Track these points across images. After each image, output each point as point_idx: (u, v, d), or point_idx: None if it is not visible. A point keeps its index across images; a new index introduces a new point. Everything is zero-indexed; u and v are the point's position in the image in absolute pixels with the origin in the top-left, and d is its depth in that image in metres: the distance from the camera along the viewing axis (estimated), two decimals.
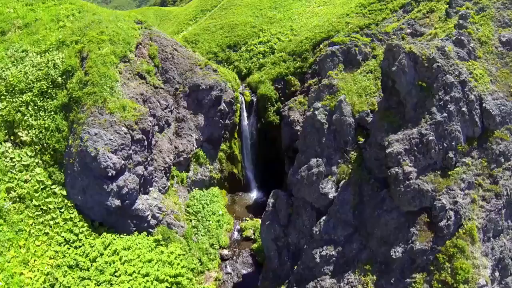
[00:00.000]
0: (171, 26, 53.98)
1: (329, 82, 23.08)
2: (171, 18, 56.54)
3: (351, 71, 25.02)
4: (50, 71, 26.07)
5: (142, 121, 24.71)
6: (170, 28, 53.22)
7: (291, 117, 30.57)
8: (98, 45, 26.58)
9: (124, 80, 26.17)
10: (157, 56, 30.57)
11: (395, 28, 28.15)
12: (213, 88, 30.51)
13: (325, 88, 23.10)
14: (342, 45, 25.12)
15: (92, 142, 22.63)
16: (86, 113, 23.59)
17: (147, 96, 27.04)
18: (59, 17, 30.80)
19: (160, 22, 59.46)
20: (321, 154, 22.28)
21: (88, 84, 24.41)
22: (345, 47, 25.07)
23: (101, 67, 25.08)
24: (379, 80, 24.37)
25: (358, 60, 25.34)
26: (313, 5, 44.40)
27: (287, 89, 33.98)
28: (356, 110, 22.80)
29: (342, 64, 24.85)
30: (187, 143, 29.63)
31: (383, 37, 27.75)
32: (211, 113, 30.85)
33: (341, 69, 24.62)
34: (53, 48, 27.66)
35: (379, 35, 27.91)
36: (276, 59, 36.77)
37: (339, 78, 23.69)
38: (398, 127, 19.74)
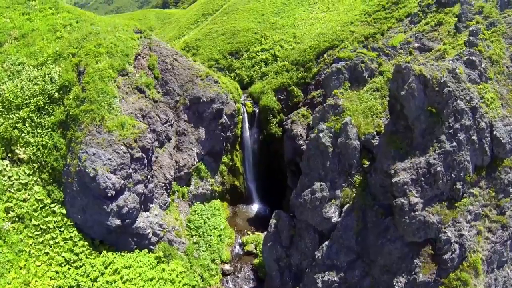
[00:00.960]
0: (172, 30, 52.61)
1: (334, 102, 22.03)
2: (173, 22, 55.11)
3: (357, 89, 23.88)
4: (46, 86, 25.14)
5: (141, 138, 23.81)
6: (172, 32, 51.87)
7: (294, 130, 29.56)
8: (96, 59, 25.53)
9: (122, 95, 25.17)
10: (156, 67, 29.49)
11: (402, 42, 26.87)
12: (214, 101, 29.47)
13: (330, 108, 22.05)
14: (348, 61, 23.93)
15: (90, 162, 21.81)
16: (83, 132, 22.69)
17: (147, 111, 26.07)
18: (56, 27, 29.71)
19: (162, 25, 58.06)
20: (325, 177, 21.39)
21: (85, 101, 23.46)
22: (351, 63, 23.88)
23: (99, 82, 24.08)
24: (386, 99, 23.32)
25: (364, 77, 24.20)
26: (316, 10, 42.90)
27: (290, 100, 32.89)
28: (362, 132, 21.78)
29: (348, 82, 23.71)
30: (188, 158, 28.76)
31: (390, 52, 26.49)
32: (212, 126, 29.88)
33: (347, 87, 23.50)
34: (50, 61, 26.67)
35: (386, 49, 26.65)
36: (278, 68, 35.58)
37: (344, 97, 22.60)
38: (405, 154, 18.78)
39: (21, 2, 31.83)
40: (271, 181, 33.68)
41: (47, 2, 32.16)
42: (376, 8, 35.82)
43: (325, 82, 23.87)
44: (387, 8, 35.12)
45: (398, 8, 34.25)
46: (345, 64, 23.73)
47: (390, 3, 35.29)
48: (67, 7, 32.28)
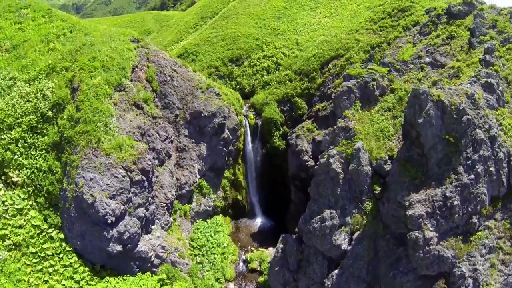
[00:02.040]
0: (170, 34, 50.48)
1: (346, 125, 20.65)
2: (171, 25, 52.89)
3: (368, 109, 22.46)
4: (39, 104, 23.45)
5: (140, 160, 22.32)
6: (170, 36, 49.77)
7: (299, 146, 28.19)
8: (90, 74, 23.79)
9: (119, 113, 23.55)
10: (155, 79, 27.80)
11: (413, 56, 25.38)
12: (215, 115, 27.93)
13: (341, 131, 20.66)
14: (359, 78, 22.45)
15: (88, 188, 20.34)
16: (79, 155, 21.14)
17: (145, 129, 24.51)
18: (49, 37, 27.79)
19: (160, 28, 55.77)
20: (335, 204, 20.15)
21: (80, 121, 21.83)
22: (362, 81, 22.41)
23: (94, 101, 22.42)
24: (398, 119, 21.99)
25: (375, 96, 22.76)
26: (318, 15, 41.08)
27: (294, 112, 31.43)
28: (374, 157, 20.49)
29: (359, 102, 22.29)
30: (189, 175, 27.33)
31: (401, 67, 24.98)
32: (214, 142, 28.39)
33: (358, 107, 22.07)
34: (42, 75, 24.90)
35: (396, 64, 25.14)
36: (281, 77, 33.97)
37: (356, 119, 21.21)
38: (420, 184, 17.57)
39: (13, 11, 29.78)
40: (274, 194, 32.45)
41: (40, 10, 30.15)
42: (381, 15, 34.18)
43: (336, 102, 22.42)
44: (393, 15, 33.51)
45: (404, 16, 32.67)
46: (356, 82, 22.25)
47: (396, 10, 33.69)
48: (61, 15, 30.27)
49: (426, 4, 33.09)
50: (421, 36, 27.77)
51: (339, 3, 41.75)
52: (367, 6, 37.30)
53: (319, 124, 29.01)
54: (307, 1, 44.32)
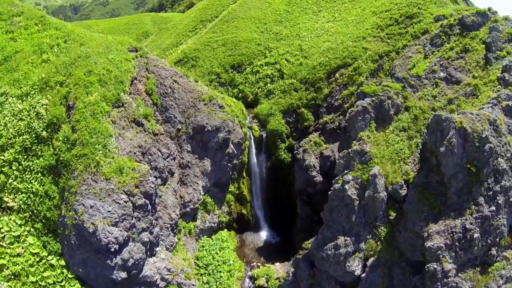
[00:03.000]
0: (169, 37, 48.20)
1: (361, 148, 19.23)
2: (169, 28, 50.55)
3: (383, 129, 21.04)
4: (33, 123, 21.63)
5: (143, 183, 20.72)
6: (168, 40, 47.52)
7: (306, 161, 26.74)
8: (86, 90, 21.94)
9: (118, 131, 21.81)
10: (155, 91, 25.99)
11: (426, 70, 23.84)
12: (219, 130, 26.27)
13: (356, 154, 19.24)
14: (374, 97, 20.96)
15: (88, 216, 18.76)
16: (77, 180, 19.47)
17: (147, 148, 22.83)
18: (42, 47, 25.76)
19: (158, 31, 53.37)
20: (350, 231, 18.88)
21: (76, 143, 20.09)
22: (377, 100, 20.93)
23: (91, 120, 20.64)
24: (413, 140, 20.62)
25: (390, 115, 21.26)
26: (321, 20, 39.19)
27: (300, 123, 29.88)
28: (389, 182, 19.20)
29: (374, 122, 20.80)
30: (193, 192, 25.79)
31: (415, 82, 23.45)
32: (218, 157, 26.80)
33: (373, 128, 20.61)
34: (35, 91, 23.00)
35: (410, 79, 23.57)
36: (286, 86, 32.29)
37: (371, 141, 19.79)
38: (439, 213, 16.33)
39: (4, 19, 27.58)
40: (280, 207, 31.12)
41: (33, 17, 27.96)
42: (388, 22, 32.47)
43: (350, 123, 20.92)
44: (401, 22, 31.82)
45: (412, 23, 31.00)
46: (371, 101, 20.73)
47: (404, 17, 32.00)
48: (55, 23, 28.11)
49: (434, 11, 31.46)
50: (433, 47, 26.19)
51: (342, 7, 39.89)
52: (372, 11, 35.51)
53: (327, 138, 27.56)
54: (309, 4, 42.39)
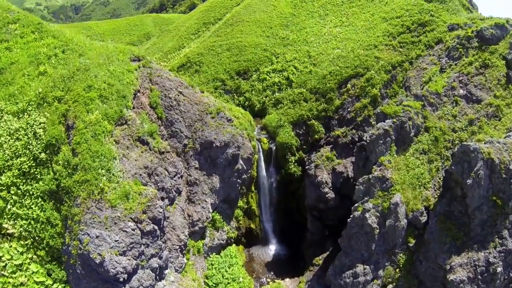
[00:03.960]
0: (171, 40, 45.42)
1: (382, 175, 17.46)
2: (171, 30, 47.67)
3: (403, 151, 19.23)
4: (30, 143, 19.35)
5: (151, 208, 18.69)
6: (170, 43, 44.76)
7: (318, 177, 24.84)
8: (86, 107, 19.64)
9: (122, 151, 19.64)
10: (159, 104, 23.73)
11: (446, 87, 21.86)
12: (228, 145, 24.17)
13: (377, 181, 17.45)
14: (395, 118, 18.98)
15: (94, 246, 16.77)
16: (81, 208, 17.37)
17: (153, 168, 20.71)
18: (39, 58, 23.29)
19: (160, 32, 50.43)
20: (369, 259, 17.22)
21: (78, 168, 17.90)
22: (398, 121, 19.02)
23: (92, 142, 18.42)
24: (433, 164, 18.84)
25: (411, 137, 19.40)
26: (329, 24, 36.76)
27: (310, 136, 27.85)
28: (410, 209, 17.55)
29: (395, 145, 18.90)
30: (202, 211, 23.81)
31: (435, 100, 21.50)
32: (227, 173, 24.77)
33: (394, 152, 18.74)
34: (33, 107, 20.66)
35: (430, 97, 21.62)
36: (295, 96, 30.12)
37: (392, 166, 17.97)
38: (461, 245, 14.86)
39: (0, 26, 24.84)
40: (289, 220, 29.32)
41: (29, 25, 25.34)
42: (400, 29, 30.28)
43: (371, 146, 19.01)
44: (413, 30, 29.67)
45: (425, 32, 28.89)
46: (392, 123, 18.78)
47: (416, 25, 29.84)
48: (52, 31, 25.50)
49: (447, 19, 29.36)
50: (450, 60, 24.18)
51: (350, 11, 37.46)
52: (382, 17, 33.21)
53: (339, 152, 25.63)
54: (315, 7, 39.88)
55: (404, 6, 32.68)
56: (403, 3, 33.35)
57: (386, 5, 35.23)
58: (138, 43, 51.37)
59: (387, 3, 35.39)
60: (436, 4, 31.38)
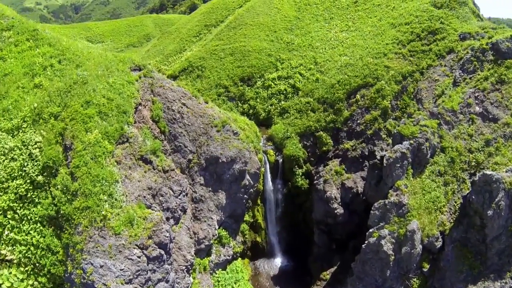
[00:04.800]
0: (172, 42, 43.26)
1: (399, 200, 16.26)
2: (172, 32, 45.43)
3: (419, 174, 18.02)
4: (26, 165, 17.69)
5: (157, 233, 17.31)
6: (171, 45, 42.63)
7: (327, 192, 23.58)
8: (84, 125, 18.00)
9: (124, 173, 18.11)
10: (162, 117, 22.13)
11: (461, 104, 20.47)
12: (235, 161, 22.72)
13: (393, 206, 16.27)
14: (412, 139, 17.63)
15: (99, 276, 15.43)
16: (83, 236, 15.94)
17: (157, 189, 19.23)
18: (34, 69, 21.49)
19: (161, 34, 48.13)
20: (382, 285, 16.31)
21: (78, 194, 16.38)
22: (415, 143, 17.73)
23: (92, 165, 16.86)
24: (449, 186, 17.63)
25: (427, 159, 18.11)
26: (334, 29, 34.97)
27: (318, 148, 26.43)
28: (425, 234, 16.59)
29: (411, 167, 17.61)
30: (208, 228, 22.48)
31: (451, 118, 20.16)
32: (234, 189, 23.39)
33: (410, 175, 17.49)
34: (28, 123, 18.96)
35: (445, 115, 20.28)
36: (302, 105, 28.58)
37: (408, 191, 16.70)
38: (478, 274, 13.84)
39: None
40: (295, 233, 28.13)
41: (24, 32, 23.40)
42: (409, 37, 28.68)
43: (387, 170, 17.76)
44: (423, 38, 28.09)
45: (436, 40, 27.34)
46: (410, 145, 17.43)
47: (426, 32, 28.26)
48: (48, 38, 23.54)
49: (458, 26, 27.82)
50: (464, 74, 22.76)
51: (356, 15, 35.66)
52: (390, 23, 31.51)
53: (348, 166, 24.33)
54: (320, 10, 37.98)
55: (413, 12, 31.00)
56: (411, 9, 31.66)
57: (393, 10, 33.50)
58: (138, 45, 49.13)
59: (395, 8, 33.66)
60: (446, 10, 29.76)
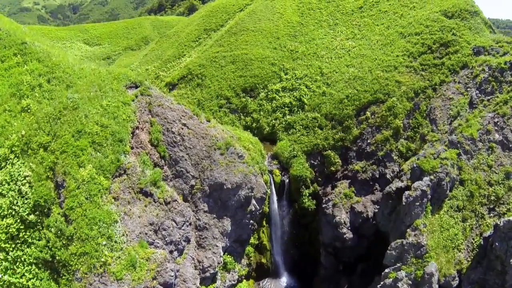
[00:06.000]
0: (171, 47, 40.68)
1: (417, 241, 15.08)
2: (171, 35, 42.71)
3: (438, 210, 16.54)
4: (16, 203, 15.80)
5: (161, 273, 15.82)
6: (170, 50, 40.09)
7: (336, 217, 22.19)
8: (77, 159, 16.17)
9: (123, 209, 16.39)
10: (161, 141, 20.29)
11: (480, 130, 18.89)
12: (241, 187, 21.06)
13: (411, 247, 15.07)
14: (433, 175, 16.17)
15: None
16: (82, 283, 14.42)
17: (159, 223, 17.57)
18: (22, 89, 19.43)
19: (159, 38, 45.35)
20: None
21: (73, 238, 14.60)
22: (436, 179, 16.38)
23: (88, 206, 15.14)
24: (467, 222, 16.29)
25: (446, 194, 16.67)
26: (340, 36, 32.89)
27: (326, 167, 24.85)
28: (442, 274, 15.47)
29: (430, 204, 16.16)
30: (213, 256, 20.98)
31: (470, 147, 18.67)
32: (239, 215, 21.84)
33: (429, 213, 16.07)
34: (16, 153, 16.93)
35: (465, 143, 18.75)
36: (308, 121, 26.81)
37: (427, 230, 15.35)
38: None
39: None
40: (300, 252, 26.87)
41: (11, 45, 21.20)
42: (420, 49, 26.86)
43: (406, 209, 16.38)
44: (435, 50, 26.31)
45: (448, 53, 25.61)
46: (430, 181, 15.95)
47: (438, 44, 26.47)
48: (37, 53, 21.33)
49: (471, 39, 26.06)
50: (481, 95, 21.19)
51: (361, 21, 33.54)
52: (399, 32, 29.55)
53: (358, 189, 22.88)
54: (323, 16, 35.73)
55: (423, 21, 29.04)
56: (421, 17, 29.67)
57: (401, 18, 31.46)
58: (136, 48, 46.41)
59: (403, 16, 31.62)
60: (457, 21, 27.89)
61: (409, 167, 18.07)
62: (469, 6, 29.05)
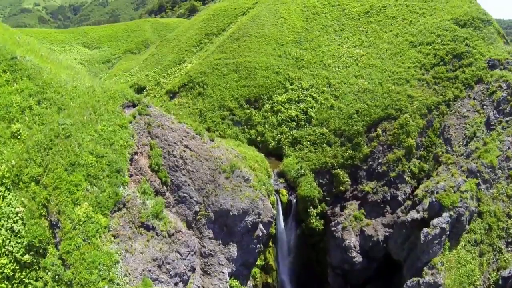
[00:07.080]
0: (171, 52, 38.66)
1: (434, 280, 14.27)
2: (171, 40, 40.58)
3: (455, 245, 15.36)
4: (9, 243, 14.33)
5: None
6: (170, 55, 38.10)
7: (346, 241, 21.08)
8: (71, 197, 14.73)
9: (125, 246, 15.06)
10: (162, 166, 18.87)
11: (500, 157, 17.63)
12: (247, 213, 19.78)
13: (428, 287, 13.61)
14: (452, 210, 14.92)
15: None
16: None
17: (163, 258, 16.30)
18: (11, 111, 17.65)
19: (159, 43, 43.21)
20: None
21: (72, 284, 13.27)
22: (455, 214, 15.07)
23: (86, 249, 13.79)
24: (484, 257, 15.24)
25: (464, 228, 15.51)
26: (347, 43, 31.15)
27: (334, 187, 23.56)
28: None
29: (448, 241, 15.01)
30: (219, 283, 19.87)
31: (489, 176, 17.50)
32: (246, 240, 20.63)
33: (447, 250, 14.92)
34: (6, 186, 15.33)
35: (484, 172, 17.49)
36: (316, 137, 25.38)
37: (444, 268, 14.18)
38: None
39: None
40: (307, 272, 25.86)
41: (1, 61, 19.15)
42: (433, 60, 25.29)
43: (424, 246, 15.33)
44: (447, 62, 24.77)
45: (462, 66, 24.11)
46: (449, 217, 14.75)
47: (450, 56, 24.94)
48: (28, 69, 19.50)
49: (485, 50, 24.56)
50: (500, 116, 19.86)
51: (369, 27, 31.75)
52: (409, 41, 27.87)
53: (368, 211, 21.71)
54: (329, 21, 33.85)
55: (434, 30, 27.33)
56: (431, 25, 27.95)
57: (410, 25, 29.69)
58: (136, 51, 44.31)
59: (412, 23, 29.83)
60: (470, 30, 26.25)
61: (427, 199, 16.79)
62: (481, 14, 27.37)
